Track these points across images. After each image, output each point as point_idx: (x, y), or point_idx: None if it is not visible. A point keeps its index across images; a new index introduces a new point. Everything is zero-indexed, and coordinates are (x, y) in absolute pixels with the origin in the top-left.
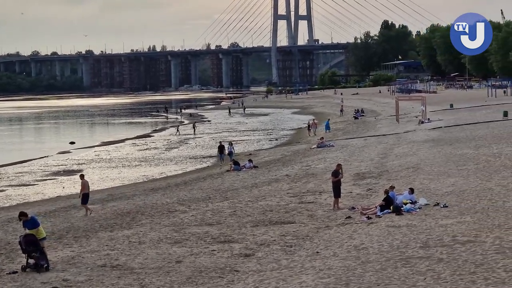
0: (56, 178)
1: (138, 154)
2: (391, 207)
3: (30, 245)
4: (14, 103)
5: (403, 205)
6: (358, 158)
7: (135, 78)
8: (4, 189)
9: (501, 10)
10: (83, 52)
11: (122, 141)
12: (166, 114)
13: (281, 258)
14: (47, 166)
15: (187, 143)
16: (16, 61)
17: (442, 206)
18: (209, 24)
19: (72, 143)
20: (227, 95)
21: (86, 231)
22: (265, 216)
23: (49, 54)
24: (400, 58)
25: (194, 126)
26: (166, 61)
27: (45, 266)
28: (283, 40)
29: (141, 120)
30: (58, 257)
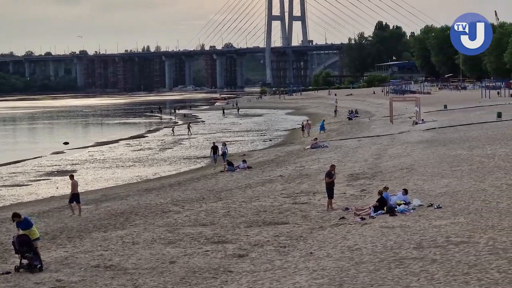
0: (49, 178)
1: (132, 154)
2: (385, 208)
3: (24, 245)
4: (7, 103)
5: (397, 206)
6: (352, 159)
7: (129, 78)
8: None
9: (495, 12)
10: (77, 52)
11: (116, 141)
12: (160, 115)
13: (274, 259)
14: (41, 167)
15: (181, 144)
16: (10, 61)
17: (435, 207)
18: (203, 24)
19: (66, 144)
20: (221, 96)
21: (79, 232)
22: (259, 216)
23: (43, 54)
24: (394, 59)
25: (189, 127)
26: (160, 61)
27: (38, 266)
28: (277, 40)
29: (135, 120)
30: (51, 257)
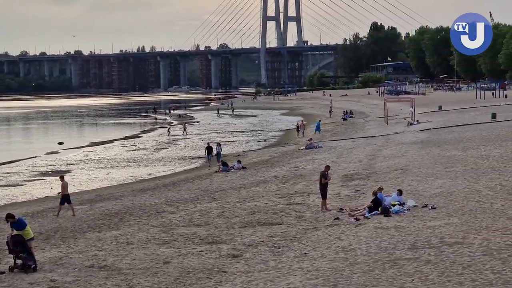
0: (44, 178)
1: (127, 154)
2: (379, 209)
3: (18, 245)
4: (2, 103)
5: (391, 206)
6: (346, 159)
7: (124, 78)
8: None
9: (489, 13)
10: (72, 52)
11: (111, 141)
12: (155, 115)
13: (269, 259)
14: (35, 167)
15: (176, 144)
16: (4, 61)
17: (430, 207)
18: (198, 25)
19: (60, 144)
20: (216, 96)
21: (74, 232)
22: (253, 217)
23: (37, 54)
24: (389, 59)
25: (184, 127)
26: (155, 61)
27: (32, 266)
28: (272, 41)
29: (130, 120)
30: (45, 257)
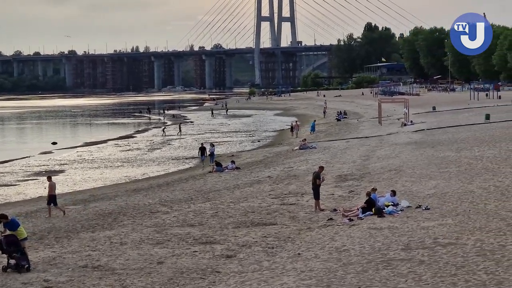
0: (38, 178)
1: (121, 154)
2: (373, 209)
3: (11, 245)
4: None
5: (385, 207)
6: (340, 160)
7: (118, 78)
8: None
9: (483, 14)
10: (66, 52)
11: (105, 141)
12: (149, 115)
13: (262, 260)
14: (29, 167)
15: (170, 144)
16: None
17: (424, 208)
18: (192, 25)
19: (54, 144)
20: (210, 96)
21: (67, 232)
22: (247, 217)
23: (31, 54)
24: (383, 60)
25: (180, 127)
26: (149, 62)
27: (26, 266)
28: (266, 41)
29: (123, 121)
30: (39, 257)
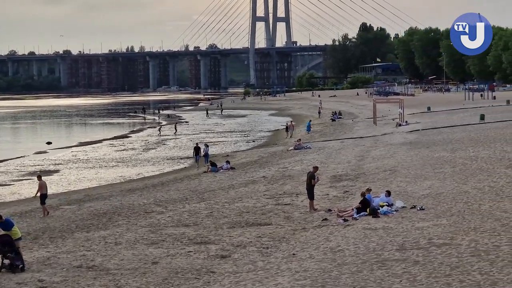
0: (32, 178)
1: (116, 154)
2: (368, 210)
3: (5, 245)
4: None
5: (380, 207)
6: (335, 160)
7: (113, 78)
8: None
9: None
10: (61, 52)
11: (100, 141)
12: (144, 115)
13: (257, 260)
14: (24, 166)
15: (165, 144)
16: None
17: (418, 208)
18: (187, 25)
19: (49, 143)
20: (205, 97)
21: (62, 232)
22: (241, 217)
23: (26, 53)
24: (378, 60)
25: (175, 127)
26: (144, 61)
27: (20, 266)
28: (261, 42)
29: (118, 120)
30: (33, 257)
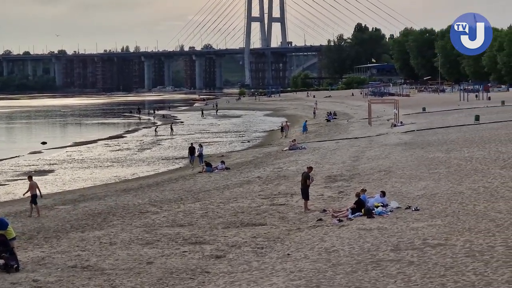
0: (27, 178)
1: (110, 154)
2: (363, 210)
3: (0, 245)
4: None
5: (375, 208)
6: (330, 160)
7: (108, 78)
8: None
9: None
10: (56, 52)
11: (95, 141)
12: (139, 115)
13: (252, 260)
14: (18, 166)
15: (160, 144)
16: None
17: (413, 209)
18: (182, 25)
19: (43, 143)
20: (200, 97)
21: (56, 232)
22: (236, 217)
23: (21, 53)
24: (373, 61)
25: (171, 127)
26: (139, 62)
27: (15, 266)
28: (256, 42)
29: (113, 120)
30: (28, 257)
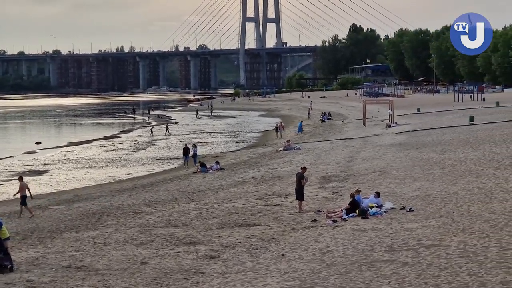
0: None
1: (105, 155)
2: (357, 211)
3: None
4: None
5: (369, 208)
6: (324, 161)
7: (103, 78)
8: None
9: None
10: (51, 52)
11: (89, 141)
12: (134, 115)
13: (246, 260)
14: (13, 166)
15: (154, 144)
16: None
17: (407, 210)
18: (177, 25)
19: (38, 143)
20: (195, 97)
21: (51, 232)
22: (231, 218)
23: (16, 53)
24: (368, 61)
25: (167, 127)
26: (134, 62)
27: (9, 266)
28: (251, 42)
29: (108, 121)
30: (22, 257)
